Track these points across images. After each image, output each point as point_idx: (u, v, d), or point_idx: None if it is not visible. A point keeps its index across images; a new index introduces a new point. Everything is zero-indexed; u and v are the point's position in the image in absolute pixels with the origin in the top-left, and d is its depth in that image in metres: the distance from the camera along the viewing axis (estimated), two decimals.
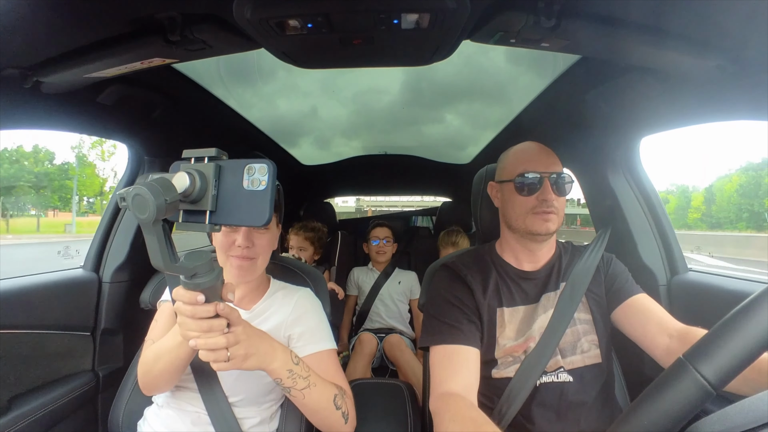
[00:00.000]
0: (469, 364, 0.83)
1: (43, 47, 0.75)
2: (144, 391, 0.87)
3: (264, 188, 0.50)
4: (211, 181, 0.51)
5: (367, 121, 2.10)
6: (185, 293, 0.59)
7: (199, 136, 1.55)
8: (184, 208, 0.52)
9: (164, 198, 0.47)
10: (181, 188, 0.49)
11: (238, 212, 0.51)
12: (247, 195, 0.50)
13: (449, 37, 0.77)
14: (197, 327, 0.61)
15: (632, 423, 0.45)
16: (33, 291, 1.11)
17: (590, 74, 1.06)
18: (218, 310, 0.61)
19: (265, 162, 0.50)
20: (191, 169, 0.50)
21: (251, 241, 0.86)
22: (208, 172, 0.51)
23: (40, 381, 1.10)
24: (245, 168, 0.50)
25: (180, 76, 1.16)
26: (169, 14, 0.70)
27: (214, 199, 0.51)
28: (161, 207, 0.46)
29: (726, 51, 0.72)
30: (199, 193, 0.50)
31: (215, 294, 0.60)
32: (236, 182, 0.51)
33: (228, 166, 0.52)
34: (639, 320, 0.88)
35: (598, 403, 0.86)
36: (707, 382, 0.42)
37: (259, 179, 0.50)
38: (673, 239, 1.24)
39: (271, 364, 0.72)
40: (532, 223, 0.89)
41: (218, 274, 0.59)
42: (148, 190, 0.46)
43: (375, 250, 2.31)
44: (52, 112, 0.98)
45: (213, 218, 0.51)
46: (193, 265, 0.56)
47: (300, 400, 0.78)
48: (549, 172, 0.89)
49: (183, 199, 0.50)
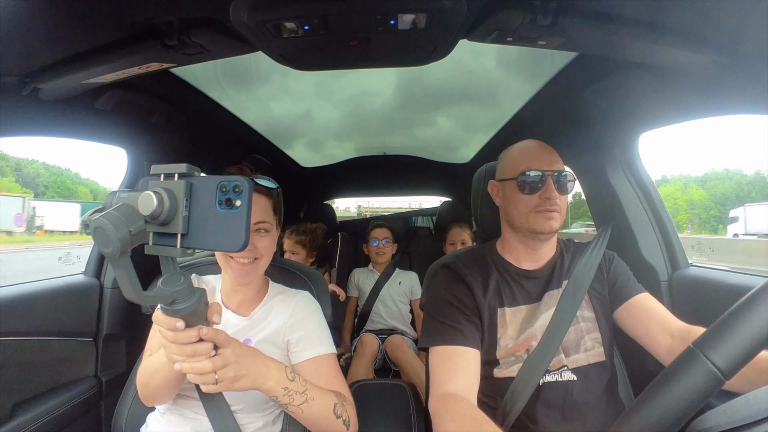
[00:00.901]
0: (469, 366, 0.83)
1: (40, 54, 0.75)
2: (144, 402, 0.86)
3: (239, 209, 0.45)
4: (181, 200, 0.46)
5: (360, 124, 2.12)
6: (164, 319, 0.56)
7: (198, 140, 1.55)
8: (153, 231, 0.47)
9: (128, 229, 0.42)
10: (147, 211, 0.44)
11: (211, 235, 0.46)
12: (221, 216, 0.45)
13: (446, 36, 0.77)
14: (180, 351, 0.58)
15: (643, 412, 0.45)
16: (35, 297, 1.11)
17: (588, 71, 1.06)
18: (201, 334, 0.57)
19: (240, 180, 0.45)
20: (159, 188, 0.45)
21: (252, 244, 0.86)
22: (178, 190, 0.46)
23: (43, 387, 1.10)
24: (218, 186, 0.46)
25: (178, 80, 1.17)
26: (167, 19, 0.71)
27: (185, 221, 0.46)
28: (125, 240, 0.42)
29: (722, 46, 0.72)
30: (169, 215, 0.46)
31: (198, 318, 0.57)
32: (209, 202, 0.46)
33: (200, 183, 0.47)
34: (642, 320, 0.87)
35: (603, 401, 0.86)
36: (718, 370, 0.42)
37: (233, 198, 0.45)
38: (673, 235, 1.24)
39: (265, 383, 0.70)
40: (535, 222, 0.88)
41: (199, 297, 0.55)
42: (110, 221, 0.42)
43: (374, 251, 2.30)
44: (50, 118, 0.98)
45: (185, 242, 0.47)
46: (171, 292, 0.52)
47: (298, 414, 0.76)
48: (551, 170, 0.88)
49: (151, 221, 0.46)
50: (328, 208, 3.00)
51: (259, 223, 0.88)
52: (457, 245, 2.24)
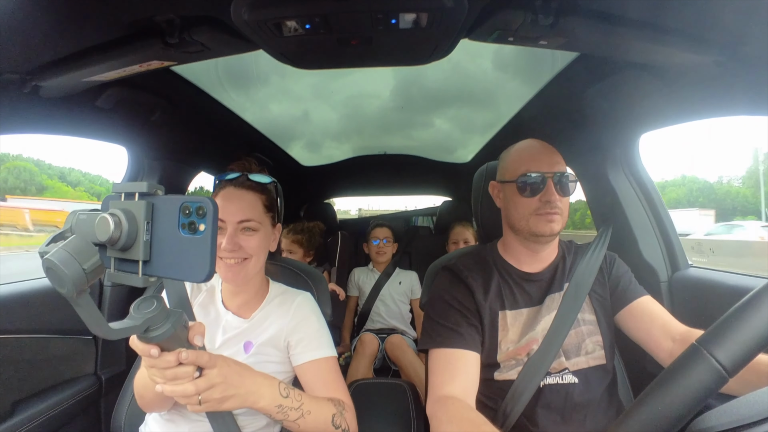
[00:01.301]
0: (468, 369, 0.82)
1: (41, 52, 0.75)
2: (143, 409, 0.85)
3: (202, 233, 0.41)
4: (142, 223, 0.42)
5: (357, 125, 2.12)
6: (139, 345, 0.53)
7: (199, 138, 1.55)
8: (115, 256, 0.44)
9: (81, 267, 0.39)
10: (104, 236, 0.40)
11: (175, 263, 0.42)
12: (184, 242, 0.41)
13: (447, 36, 0.77)
14: (161, 375, 0.56)
15: (646, 409, 0.45)
16: (34, 295, 1.11)
17: (589, 71, 1.05)
18: (181, 359, 0.55)
19: (203, 201, 0.42)
20: (117, 210, 0.42)
21: (237, 245, 0.83)
22: (138, 212, 0.42)
23: (43, 385, 1.10)
24: (180, 207, 0.42)
25: (178, 78, 1.16)
26: (167, 17, 0.70)
27: (146, 246, 0.42)
28: (80, 279, 0.39)
29: (724, 47, 0.72)
30: (128, 239, 0.42)
31: (177, 341, 0.54)
32: (171, 225, 0.42)
33: (162, 204, 0.43)
34: (643, 324, 0.87)
35: (603, 403, 0.85)
36: (722, 367, 0.42)
37: (197, 222, 0.41)
38: (673, 236, 1.24)
39: (257, 403, 0.68)
40: (535, 225, 0.87)
41: (174, 322, 0.52)
42: (59, 262, 0.38)
43: (375, 251, 2.30)
44: (51, 116, 0.98)
45: (147, 269, 0.43)
46: (143, 320, 0.49)
47: (295, 429, 0.75)
48: (552, 172, 0.87)
49: (111, 246, 0.42)
50: (328, 207, 3.00)
51: (243, 221, 0.85)
52: (459, 244, 2.23)
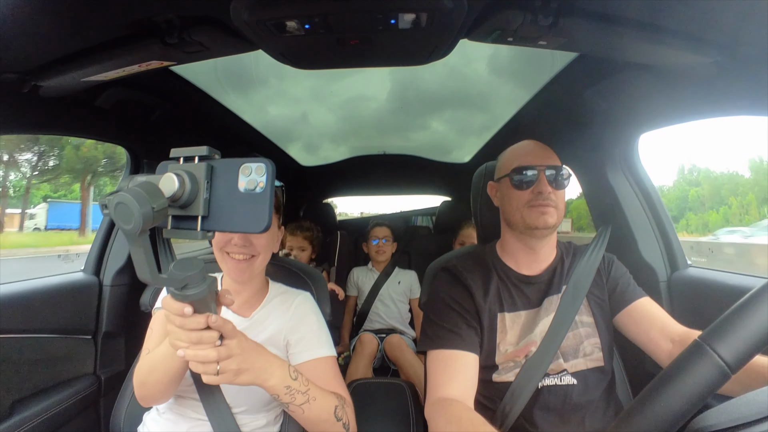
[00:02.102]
0: (466, 370, 0.82)
1: (40, 51, 0.75)
2: (141, 402, 0.84)
3: (262, 190, 0.45)
4: (202, 183, 0.46)
5: (354, 127, 2.14)
6: (173, 303, 0.55)
7: (198, 138, 1.55)
8: (173, 214, 0.47)
9: (151, 206, 0.42)
10: (168, 192, 0.44)
11: (233, 217, 0.46)
12: (244, 198, 0.46)
13: (447, 36, 0.77)
14: (186, 338, 0.58)
15: (649, 406, 0.44)
16: (34, 295, 1.11)
17: (588, 72, 1.06)
18: (210, 322, 0.57)
19: (263, 161, 0.46)
20: (180, 170, 0.45)
21: (249, 240, 0.84)
22: (199, 173, 0.46)
23: (43, 385, 1.10)
24: (240, 168, 0.46)
25: (178, 78, 1.16)
26: (167, 17, 0.70)
27: (206, 203, 0.46)
28: (148, 216, 0.42)
29: (723, 47, 0.72)
30: (190, 197, 0.46)
31: (207, 305, 0.56)
32: (231, 184, 0.46)
33: (221, 166, 0.47)
34: (642, 326, 0.87)
35: (602, 404, 0.86)
36: (725, 363, 0.42)
37: (256, 180, 0.45)
38: (672, 235, 1.24)
39: (268, 381, 0.69)
40: (528, 216, 0.87)
41: (210, 284, 0.55)
42: (133, 197, 0.41)
43: (374, 250, 2.30)
44: (50, 115, 0.98)
45: (205, 224, 0.47)
46: (183, 276, 0.52)
47: (299, 414, 0.75)
48: (544, 165, 0.88)
49: (172, 204, 0.45)
50: (327, 207, 3.00)
51: None
52: (466, 243, 2.24)
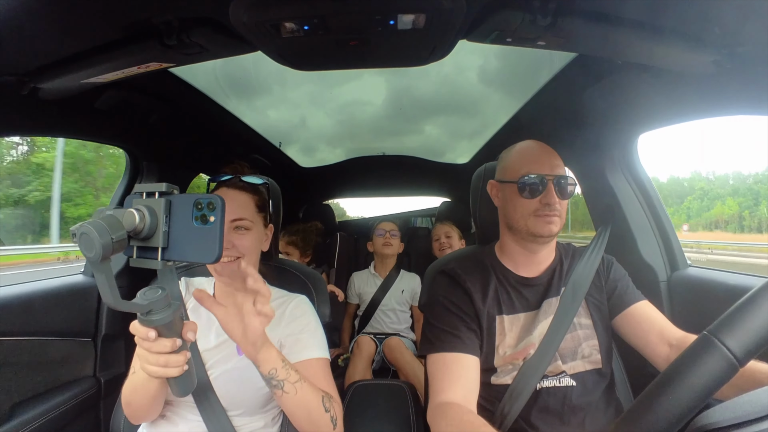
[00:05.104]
0: (468, 373, 0.82)
1: (39, 54, 0.75)
2: (131, 420, 0.83)
3: (212, 224, 0.50)
4: (161, 217, 0.51)
5: (351, 131, 2.18)
6: (140, 328, 0.59)
7: (197, 139, 1.55)
8: (137, 245, 0.52)
9: (111, 237, 0.46)
10: (129, 226, 0.49)
11: (189, 248, 0.51)
12: (197, 231, 0.50)
13: (445, 37, 0.77)
14: (154, 361, 0.61)
15: (656, 399, 0.44)
16: (34, 298, 1.11)
17: (587, 72, 1.06)
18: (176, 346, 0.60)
19: (214, 198, 0.50)
20: (141, 206, 0.50)
21: (230, 243, 0.84)
22: (158, 207, 0.51)
23: (42, 387, 1.09)
24: (194, 203, 0.51)
25: (177, 80, 1.16)
26: (166, 18, 0.70)
27: (165, 236, 0.51)
28: (107, 246, 0.46)
29: (722, 47, 0.72)
30: (150, 230, 0.50)
31: (172, 330, 0.60)
32: (186, 218, 0.51)
33: (178, 201, 0.52)
34: (641, 329, 0.87)
35: (602, 405, 0.85)
36: (733, 355, 0.42)
37: (207, 215, 0.50)
38: (672, 235, 1.24)
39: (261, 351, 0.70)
40: (534, 225, 0.87)
41: (174, 310, 0.59)
42: (94, 228, 0.46)
43: (381, 242, 2.22)
44: (49, 118, 0.98)
45: (165, 255, 0.51)
46: (147, 302, 0.56)
47: (292, 395, 0.74)
48: (552, 175, 0.87)
49: (135, 236, 0.50)
50: (327, 208, 3.00)
51: (236, 220, 0.85)
52: (441, 239, 2.27)
